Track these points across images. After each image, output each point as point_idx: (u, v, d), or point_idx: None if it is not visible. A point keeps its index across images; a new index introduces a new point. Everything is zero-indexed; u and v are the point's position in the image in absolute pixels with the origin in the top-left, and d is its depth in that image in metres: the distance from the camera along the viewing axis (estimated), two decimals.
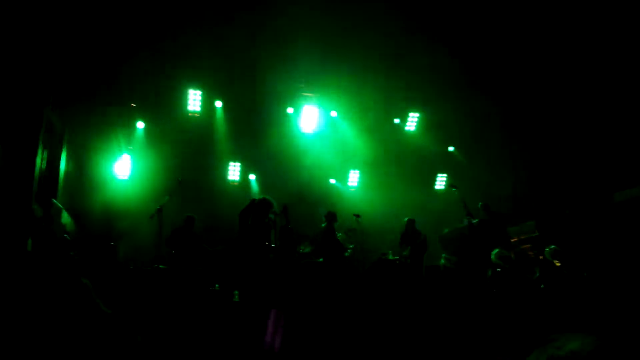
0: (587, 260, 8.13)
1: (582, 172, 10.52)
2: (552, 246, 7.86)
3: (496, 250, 7.99)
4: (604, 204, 9.89)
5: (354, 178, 13.67)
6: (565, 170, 11.25)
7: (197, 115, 11.77)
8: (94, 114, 11.21)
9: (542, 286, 7.28)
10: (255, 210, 8.06)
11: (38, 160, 8.42)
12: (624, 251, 8.54)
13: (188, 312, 6.26)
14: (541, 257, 7.88)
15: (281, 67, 11.09)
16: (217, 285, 7.70)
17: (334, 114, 12.90)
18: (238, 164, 12.73)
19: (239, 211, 8.19)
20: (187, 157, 11.98)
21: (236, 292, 7.29)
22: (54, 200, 9.30)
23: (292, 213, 8.40)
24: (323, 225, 9.43)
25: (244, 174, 12.85)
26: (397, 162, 13.46)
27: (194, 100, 11.59)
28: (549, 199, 11.40)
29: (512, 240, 10.62)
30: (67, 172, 10.60)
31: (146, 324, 5.82)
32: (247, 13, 9.71)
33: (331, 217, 9.38)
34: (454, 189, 9.73)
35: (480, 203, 9.89)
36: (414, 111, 13.06)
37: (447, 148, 13.86)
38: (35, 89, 8.37)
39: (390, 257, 10.05)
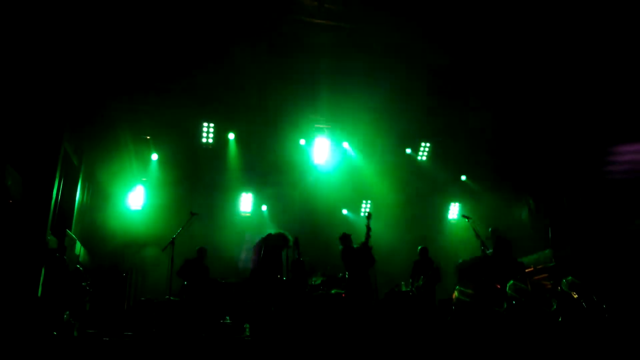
0: (606, 291, 7.89)
1: (601, 198, 10.29)
2: (569, 278, 7.65)
3: (511, 283, 7.81)
4: (623, 231, 9.64)
5: (366, 209, 13.64)
6: (583, 197, 11.03)
7: (210, 147, 11.94)
8: (109, 146, 11.44)
9: (559, 319, 7.08)
10: (269, 244, 8.02)
11: (54, 192, 8.58)
12: None
13: (198, 346, 6.19)
14: (559, 289, 7.67)
15: (293, 99, 11.23)
16: (227, 318, 7.64)
17: (346, 145, 12.97)
18: (250, 195, 12.80)
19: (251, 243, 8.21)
20: (200, 188, 12.10)
21: (247, 326, 7.22)
22: (68, 231, 9.41)
23: (304, 244, 8.35)
24: (340, 248, 9.08)
25: (256, 205, 12.90)
26: (410, 192, 13.40)
27: (207, 132, 11.79)
28: (566, 227, 11.18)
29: (528, 270, 10.39)
30: (81, 203, 10.74)
31: (157, 356, 5.77)
32: (260, 47, 9.90)
33: (346, 238, 8.96)
34: (467, 219, 9.61)
35: (490, 228, 9.67)
36: (425, 141, 13.04)
37: (459, 177, 13.80)
38: (53, 123, 8.63)
39: (404, 288, 9.89)
